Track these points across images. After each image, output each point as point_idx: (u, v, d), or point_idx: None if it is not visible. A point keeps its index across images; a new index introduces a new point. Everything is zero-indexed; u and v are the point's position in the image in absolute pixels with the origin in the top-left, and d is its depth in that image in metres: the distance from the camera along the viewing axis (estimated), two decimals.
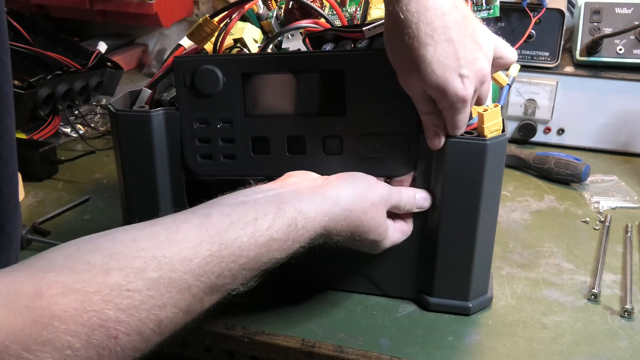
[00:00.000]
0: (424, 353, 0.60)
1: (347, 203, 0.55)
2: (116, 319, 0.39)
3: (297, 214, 0.51)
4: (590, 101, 1.04)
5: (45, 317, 0.36)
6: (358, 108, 0.60)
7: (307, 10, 0.71)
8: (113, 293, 0.39)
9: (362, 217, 0.56)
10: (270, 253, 0.49)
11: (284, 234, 0.50)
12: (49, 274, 0.38)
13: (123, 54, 1.38)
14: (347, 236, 0.56)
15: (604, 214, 0.86)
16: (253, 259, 0.48)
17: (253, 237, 0.48)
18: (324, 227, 0.53)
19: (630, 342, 0.62)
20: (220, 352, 0.65)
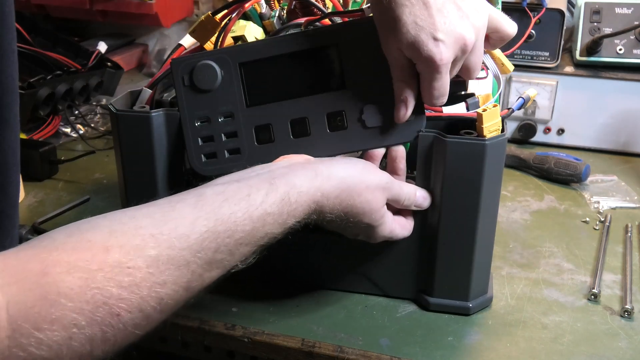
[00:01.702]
0: (424, 353, 0.60)
1: (339, 181, 0.55)
2: (118, 296, 0.39)
3: (290, 188, 0.51)
4: (590, 101, 1.04)
5: (52, 294, 0.37)
6: (357, 79, 0.60)
7: (310, 10, 0.71)
8: (114, 270, 0.40)
9: (355, 197, 0.55)
10: (265, 227, 0.49)
11: (278, 207, 0.50)
12: (53, 253, 0.39)
13: (123, 54, 1.38)
14: (340, 215, 0.55)
15: (604, 214, 0.86)
16: (249, 234, 0.48)
17: (247, 212, 0.48)
18: (316, 202, 0.53)
19: (630, 342, 0.62)
20: (220, 352, 0.65)
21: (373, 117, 0.61)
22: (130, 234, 0.42)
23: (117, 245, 0.41)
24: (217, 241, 0.46)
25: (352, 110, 0.61)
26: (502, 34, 0.59)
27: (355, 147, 0.62)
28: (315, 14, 0.70)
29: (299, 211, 0.52)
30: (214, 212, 0.47)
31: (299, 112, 0.61)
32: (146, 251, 0.42)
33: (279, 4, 0.77)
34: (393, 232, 0.61)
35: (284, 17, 0.74)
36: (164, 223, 0.44)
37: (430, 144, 0.61)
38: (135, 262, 0.41)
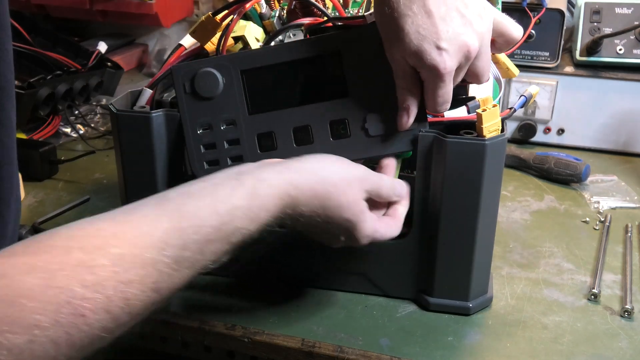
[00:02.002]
0: (424, 353, 0.60)
1: (311, 174, 0.54)
2: (82, 296, 0.38)
3: (257, 182, 0.50)
4: (590, 101, 1.04)
5: (10, 295, 0.36)
6: (359, 87, 0.60)
7: (310, 10, 0.71)
8: (76, 269, 0.39)
9: (330, 189, 0.54)
10: (235, 222, 0.48)
11: (246, 201, 0.49)
12: (11, 258, 0.38)
13: (123, 54, 1.38)
14: (316, 210, 0.54)
15: (604, 214, 0.86)
16: (217, 229, 0.47)
17: (212, 207, 0.47)
18: (289, 194, 0.51)
19: (630, 342, 0.62)
20: (220, 352, 0.65)
21: (376, 125, 0.61)
22: (91, 235, 0.41)
23: (78, 247, 0.40)
24: (183, 238, 0.45)
25: (355, 118, 0.61)
26: (507, 37, 0.58)
27: (359, 155, 0.62)
28: (315, 14, 0.70)
29: (271, 204, 0.50)
30: (177, 209, 0.46)
31: (302, 119, 0.61)
32: (108, 249, 0.41)
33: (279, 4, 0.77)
34: (377, 231, 0.58)
35: (284, 17, 0.74)
36: (125, 223, 0.43)
37: (430, 144, 0.61)
38: (98, 261, 0.40)
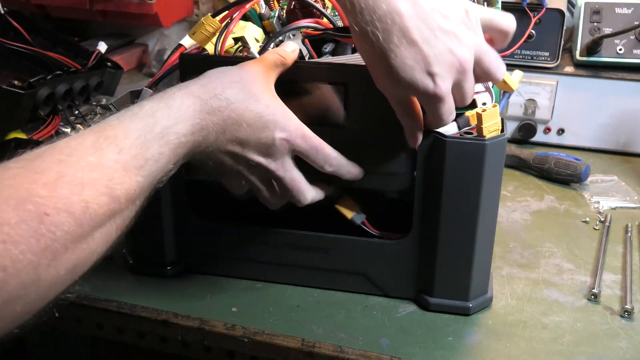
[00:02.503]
0: (424, 353, 0.60)
1: (217, 86, 0.54)
2: (41, 194, 0.39)
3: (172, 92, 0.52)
4: (590, 101, 1.04)
5: None
6: (359, 121, 0.61)
7: (309, 10, 0.71)
8: (33, 176, 0.40)
9: (252, 104, 0.54)
10: (159, 123, 0.49)
11: (164, 103, 0.50)
12: None
13: (123, 54, 1.38)
14: (231, 121, 0.53)
15: (604, 214, 0.86)
16: (146, 134, 0.47)
17: (134, 121, 0.48)
18: (194, 106, 0.51)
19: (630, 342, 0.62)
20: (220, 352, 0.65)
21: (369, 161, 0.62)
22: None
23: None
24: (120, 146, 0.46)
25: (348, 150, 0.61)
26: (501, 29, 0.57)
27: (348, 184, 0.62)
28: (315, 14, 0.70)
29: (188, 104, 0.51)
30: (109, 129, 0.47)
31: None
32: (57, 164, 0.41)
33: (278, 4, 0.77)
34: (300, 184, 0.59)
35: (283, 17, 0.74)
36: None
37: (430, 144, 0.61)
38: (50, 171, 0.40)
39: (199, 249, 0.71)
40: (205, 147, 0.53)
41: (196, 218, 0.69)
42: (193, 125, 0.51)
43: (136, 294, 0.68)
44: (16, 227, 0.37)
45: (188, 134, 0.51)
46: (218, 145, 0.54)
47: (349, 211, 0.66)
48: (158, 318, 0.65)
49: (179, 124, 0.50)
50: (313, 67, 0.61)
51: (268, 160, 0.56)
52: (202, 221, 0.69)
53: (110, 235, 0.44)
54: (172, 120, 0.50)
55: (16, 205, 0.38)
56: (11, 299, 0.37)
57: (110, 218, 0.43)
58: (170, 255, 0.71)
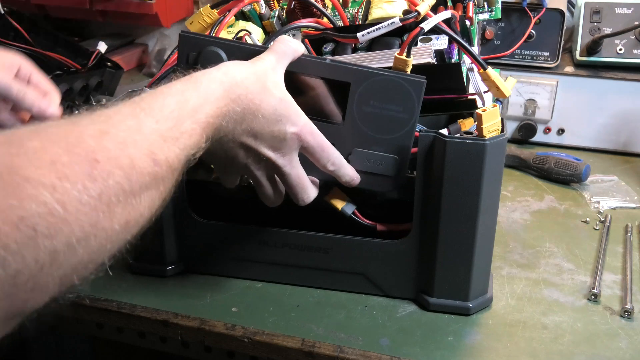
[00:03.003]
0: (424, 353, 0.60)
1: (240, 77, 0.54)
2: (88, 142, 0.39)
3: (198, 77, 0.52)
4: (590, 101, 1.04)
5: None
6: (355, 122, 0.61)
7: (309, 10, 0.71)
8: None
9: (270, 97, 0.55)
10: (189, 103, 0.49)
11: (192, 85, 0.50)
12: None
13: (123, 54, 1.38)
14: (249, 112, 0.54)
15: (604, 214, 0.86)
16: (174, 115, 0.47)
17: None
18: (219, 91, 0.52)
19: (630, 342, 0.62)
20: (220, 352, 0.65)
21: (360, 161, 0.62)
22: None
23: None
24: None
25: (342, 148, 0.61)
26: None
27: (336, 181, 0.63)
28: (315, 14, 0.70)
29: (214, 87, 0.51)
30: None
31: None
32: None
33: (278, 4, 0.77)
34: (305, 182, 0.60)
35: (283, 17, 0.74)
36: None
37: (430, 144, 0.61)
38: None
39: (199, 249, 0.71)
40: (224, 134, 0.53)
41: (196, 218, 0.69)
42: (219, 108, 0.51)
43: (136, 294, 0.68)
44: (69, 166, 0.36)
45: (214, 115, 0.51)
46: (234, 135, 0.54)
47: (339, 202, 0.66)
48: (158, 318, 0.65)
49: (206, 105, 0.50)
50: (319, 63, 0.61)
51: (277, 156, 0.57)
52: (202, 221, 0.69)
53: (154, 200, 0.43)
54: (200, 100, 0.50)
55: (67, 148, 0.37)
56: (72, 243, 0.35)
57: (154, 182, 0.43)
58: (170, 255, 0.71)
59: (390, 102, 0.60)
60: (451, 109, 0.68)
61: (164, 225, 0.69)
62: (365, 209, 0.67)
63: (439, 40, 0.65)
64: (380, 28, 0.63)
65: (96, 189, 0.37)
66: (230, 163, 0.58)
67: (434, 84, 0.60)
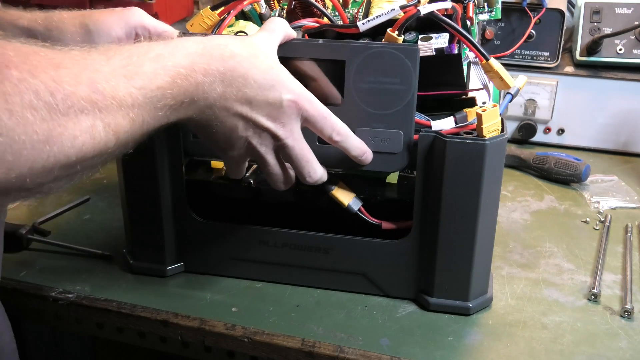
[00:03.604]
0: (424, 353, 0.60)
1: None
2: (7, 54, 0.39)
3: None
4: (590, 101, 1.04)
5: None
6: (355, 100, 0.60)
7: (310, 10, 0.71)
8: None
9: (251, 59, 0.53)
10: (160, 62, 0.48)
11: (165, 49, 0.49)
12: None
13: None
14: (238, 75, 0.52)
15: (604, 214, 0.86)
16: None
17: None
18: (196, 48, 0.50)
19: (630, 342, 0.62)
20: (220, 352, 0.65)
21: (364, 140, 0.61)
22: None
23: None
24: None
25: None
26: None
27: (339, 165, 0.62)
28: (315, 14, 0.70)
29: (185, 51, 0.50)
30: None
31: None
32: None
33: (278, 4, 0.77)
34: (310, 155, 0.58)
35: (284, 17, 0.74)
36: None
37: (430, 144, 0.61)
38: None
39: (199, 249, 0.71)
40: (214, 100, 0.51)
41: (196, 218, 0.69)
42: (194, 63, 0.49)
43: (136, 294, 0.68)
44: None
45: (188, 67, 0.49)
46: (227, 102, 0.52)
47: (345, 198, 0.65)
48: (158, 318, 0.65)
49: (176, 55, 0.49)
50: (311, 45, 0.61)
51: (277, 126, 0.55)
52: (202, 221, 0.69)
53: (96, 129, 0.42)
54: (168, 49, 0.49)
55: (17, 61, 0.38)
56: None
57: (93, 108, 0.42)
58: (170, 255, 0.71)
59: (387, 75, 0.59)
60: (451, 107, 0.68)
61: (164, 225, 0.69)
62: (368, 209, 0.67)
63: (439, 39, 0.65)
64: (380, 16, 0.63)
65: (12, 93, 0.37)
66: (230, 140, 0.55)
67: (434, 78, 0.60)
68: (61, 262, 0.74)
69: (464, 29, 0.67)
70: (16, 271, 0.72)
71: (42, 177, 0.40)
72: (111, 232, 0.80)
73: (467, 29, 0.70)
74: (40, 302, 0.69)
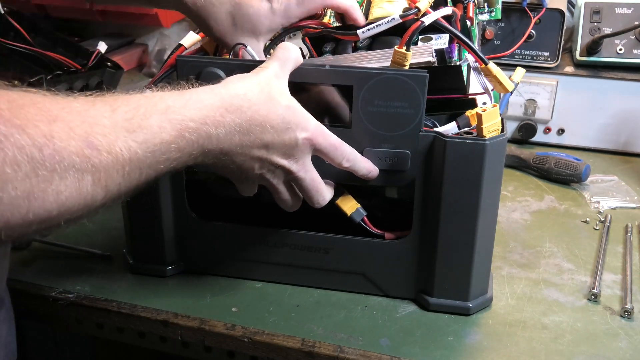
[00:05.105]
0: (424, 353, 0.60)
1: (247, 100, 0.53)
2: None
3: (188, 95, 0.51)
4: (590, 101, 1.04)
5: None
6: (363, 122, 0.61)
7: None
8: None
9: (277, 106, 0.54)
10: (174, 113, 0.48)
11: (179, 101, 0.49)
12: None
13: (123, 54, 1.38)
14: (255, 124, 0.53)
15: (604, 214, 0.86)
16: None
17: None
18: (212, 100, 0.51)
19: (630, 342, 0.62)
20: (220, 352, 0.65)
21: (371, 160, 0.61)
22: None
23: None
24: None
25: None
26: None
27: (346, 181, 0.63)
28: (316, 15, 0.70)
29: (201, 105, 0.50)
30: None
31: None
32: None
33: None
34: (320, 185, 0.60)
35: None
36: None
37: (430, 144, 0.61)
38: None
39: (199, 249, 0.71)
40: (230, 148, 0.52)
41: (196, 218, 0.69)
42: (207, 117, 0.50)
43: (136, 294, 0.68)
44: None
45: (199, 121, 0.49)
46: (244, 149, 0.53)
47: (349, 208, 0.66)
48: (158, 318, 0.65)
49: (188, 108, 0.49)
50: (319, 71, 0.61)
51: (290, 162, 0.57)
52: (202, 221, 0.69)
53: (84, 184, 0.41)
54: (180, 102, 0.49)
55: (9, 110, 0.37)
56: None
57: (84, 164, 0.41)
58: (170, 255, 0.71)
59: (395, 100, 0.59)
60: (451, 108, 0.68)
61: (164, 225, 0.69)
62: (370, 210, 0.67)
63: (439, 40, 0.65)
64: (380, 25, 0.63)
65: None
66: (246, 175, 0.57)
67: (435, 84, 0.60)
68: (61, 262, 0.74)
69: (463, 30, 0.68)
70: (16, 271, 0.72)
71: (19, 231, 0.39)
72: (111, 232, 0.80)
73: (467, 29, 0.70)
74: (40, 302, 0.69)
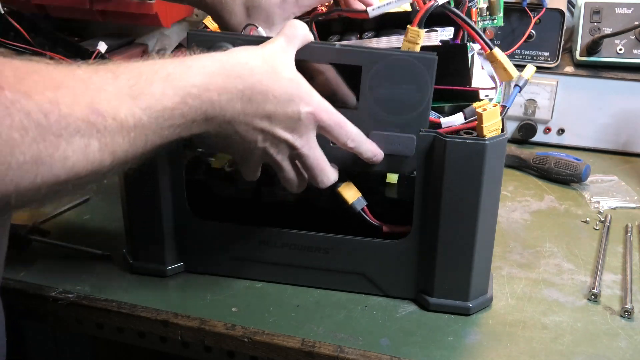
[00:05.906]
0: (424, 353, 0.60)
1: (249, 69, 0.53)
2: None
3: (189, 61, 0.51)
4: (590, 101, 1.04)
5: None
6: (370, 104, 0.60)
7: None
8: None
9: (270, 74, 0.53)
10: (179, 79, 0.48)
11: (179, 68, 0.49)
12: None
13: (123, 54, 1.38)
14: (257, 92, 0.53)
15: (604, 214, 0.86)
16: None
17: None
18: (214, 67, 0.51)
19: (630, 342, 0.62)
20: (220, 352, 0.65)
21: (378, 143, 0.61)
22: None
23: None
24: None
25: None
26: None
27: (350, 166, 0.62)
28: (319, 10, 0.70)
29: (198, 71, 0.50)
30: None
31: None
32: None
33: None
34: (324, 163, 0.59)
35: None
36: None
37: (430, 144, 0.61)
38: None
39: (199, 249, 0.71)
40: (232, 116, 0.52)
41: (196, 218, 0.69)
42: (210, 83, 0.50)
43: (136, 294, 0.68)
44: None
45: (201, 87, 0.49)
46: (246, 118, 0.53)
47: (350, 196, 0.65)
48: (158, 318, 0.65)
49: (190, 74, 0.49)
50: (328, 49, 0.60)
51: (294, 137, 0.56)
52: (202, 221, 0.69)
53: (91, 149, 0.42)
54: (182, 68, 0.48)
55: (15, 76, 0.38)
56: None
57: (88, 129, 0.41)
58: (170, 255, 0.71)
59: (403, 82, 0.59)
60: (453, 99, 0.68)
61: (164, 225, 0.69)
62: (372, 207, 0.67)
63: (444, 32, 0.65)
64: (391, 2, 0.63)
65: (2, 115, 0.37)
66: (249, 150, 0.56)
67: (441, 68, 0.60)
68: (61, 262, 0.74)
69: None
70: (16, 271, 0.72)
71: (29, 195, 0.40)
72: (111, 232, 0.80)
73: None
74: (40, 302, 0.69)
